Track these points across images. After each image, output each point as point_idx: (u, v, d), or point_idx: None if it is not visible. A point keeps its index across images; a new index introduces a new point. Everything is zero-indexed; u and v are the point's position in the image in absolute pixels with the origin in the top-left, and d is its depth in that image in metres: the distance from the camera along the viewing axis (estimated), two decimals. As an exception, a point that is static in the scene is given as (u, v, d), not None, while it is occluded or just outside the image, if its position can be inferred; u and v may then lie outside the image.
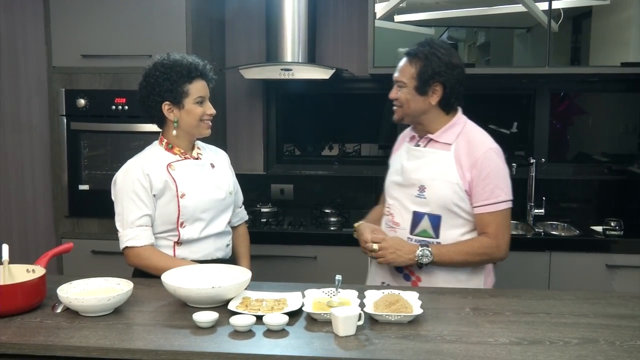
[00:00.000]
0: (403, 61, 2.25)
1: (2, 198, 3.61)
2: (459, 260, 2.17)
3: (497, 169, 2.17)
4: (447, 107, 2.23)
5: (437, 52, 2.19)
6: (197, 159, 2.30)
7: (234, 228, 2.47)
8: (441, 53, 2.19)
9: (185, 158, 2.28)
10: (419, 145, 2.28)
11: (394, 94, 2.26)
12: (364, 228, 2.29)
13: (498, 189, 2.15)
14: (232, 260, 2.38)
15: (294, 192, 3.72)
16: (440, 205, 2.17)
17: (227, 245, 2.35)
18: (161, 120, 2.27)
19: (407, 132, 2.41)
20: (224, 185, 2.32)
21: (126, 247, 2.20)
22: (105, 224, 3.24)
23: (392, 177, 2.34)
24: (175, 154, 2.27)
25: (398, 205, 2.27)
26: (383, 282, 2.29)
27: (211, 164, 2.33)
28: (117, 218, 2.23)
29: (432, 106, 2.21)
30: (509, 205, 2.18)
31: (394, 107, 2.28)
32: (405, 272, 2.25)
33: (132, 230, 2.19)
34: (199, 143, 2.37)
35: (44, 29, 3.26)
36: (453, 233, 2.19)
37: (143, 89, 2.23)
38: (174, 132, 2.24)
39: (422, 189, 2.20)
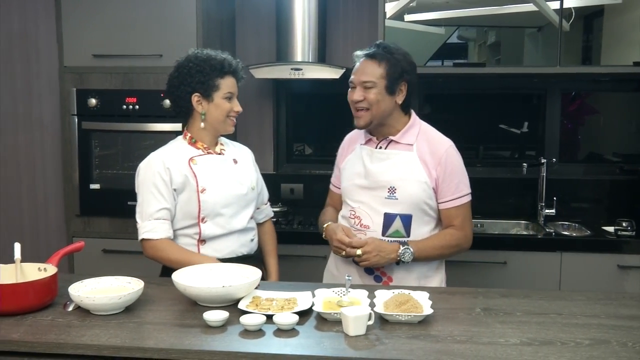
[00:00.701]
0: (365, 62, 2.22)
1: (14, 197, 3.63)
2: (435, 255, 2.26)
3: (459, 165, 2.28)
4: (407, 107, 2.28)
5: (398, 51, 2.23)
6: (219, 154, 2.32)
7: (260, 225, 2.49)
8: (402, 53, 2.24)
9: (208, 153, 2.30)
10: (380, 148, 2.28)
11: (358, 95, 2.21)
12: (334, 228, 2.28)
13: (462, 184, 2.27)
14: (259, 257, 2.38)
15: (304, 192, 3.72)
16: (411, 205, 2.22)
17: (252, 240, 2.35)
18: (188, 112, 2.29)
19: (356, 136, 2.40)
20: (246, 180, 2.33)
21: (143, 239, 2.23)
22: (116, 223, 3.26)
23: (353, 180, 2.31)
24: (198, 148, 2.29)
25: (365, 208, 2.26)
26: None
27: (234, 159, 2.34)
28: (137, 209, 2.26)
29: (397, 106, 2.24)
30: (470, 197, 2.30)
31: (359, 112, 2.22)
32: (377, 274, 2.27)
33: (150, 222, 2.21)
34: (222, 139, 2.39)
35: (55, 29, 3.28)
36: (422, 230, 2.26)
37: (174, 79, 2.27)
38: (202, 124, 2.27)
39: (392, 190, 2.22)
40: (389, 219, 2.23)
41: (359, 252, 2.17)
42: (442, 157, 2.24)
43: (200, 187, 2.22)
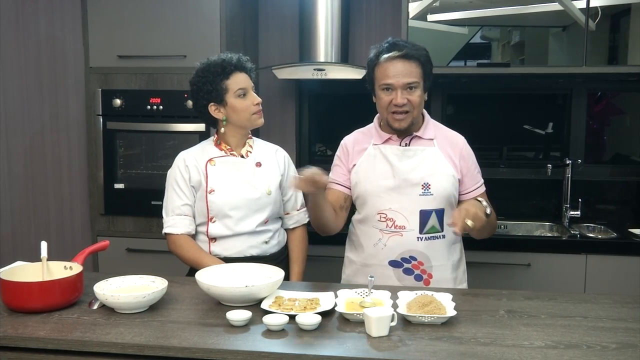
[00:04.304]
0: (402, 63, 2.16)
1: (40, 196, 3.68)
2: (492, 222, 2.22)
3: (473, 155, 2.33)
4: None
5: (420, 47, 2.22)
6: (242, 156, 2.33)
7: (290, 230, 2.49)
8: (423, 47, 2.23)
9: (231, 154, 2.32)
10: (406, 145, 2.26)
11: (402, 98, 2.15)
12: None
13: (479, 173, 2.34)
14: (278, 258, 2.38)
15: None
16: (443, 199, 2.23)
17: (266, 243, 2.35)
18: (213, 121, 2.34)
19: (361, 137, 2.34)
20: (263, 185, 2.32)
21: (165, 234, 2.31)
22: (140, 222, 3.29)
23: (377, 182, 2.24)
24: (222, 149, 2.33)
25: (398, 208, 2.22)
26: None
27: (258, 162, 2.35)
28: (163, 204, 2.35)
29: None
30: None
31: (399, 114, 2.18)
32: (417, 273, 2.24)
33: (172, 218, 2.30)
34: (255, 140, 2.42)
35: (81, 30, 3.32)
36: (449, 222, 2.25)
37: (191, 96, 2.36)
38: (222, 129, 2.32)
39: (426, 186, 2.21)
40: (425, 215, 2.21)
41: (470, 223, 2.00)
42: (462, 148, 2.29)
43: (209, 188, 2.27)
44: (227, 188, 2.28)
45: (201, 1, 3.14)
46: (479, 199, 2.20)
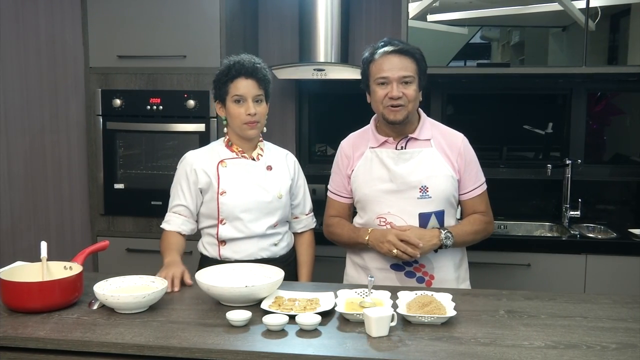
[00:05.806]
0: (398, 58, 2.17)
1: (40, 196, 3.68)
2: (469, 240, 2.28)
3: (474, 154, 2.31)
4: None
5: (415, 47, 2.23)
6: (254, 159, 2.33)
7: (298, 234, 2.48)
8: (418, 47, 2.25)
9: (243, 157, 2.32)
10: (402, 148, 2.25)
11: (398, 91, 2.15)
12: (383, 231, 2.20)
13: (480, 172, 2.31)
14: (286, 261, 2.37)
15: (326, 193, 3.71)
16: (442, 200, 2.22)
17: (275, 245, 2.34)
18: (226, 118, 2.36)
19: (358, 141, 2.34)
20: (274, 188, 2.32)
21: (162, 228, 2.35)
22: (140, 223, 3.29)
23: (375, 186, 2.23)
24: (233, 151, 2.33)
25: (397, 212, 2.21)
26: None
27: (268, 166, 2.35)
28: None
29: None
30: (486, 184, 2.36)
31: (397, 107, 2.16)
32: (419, 275, 2.23)
33: (169, 214, 2.34)
34: (266, 144, 2.41)
35: (81, 30, 3.32)
36: (450, 223, 2.27)
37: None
38: (224, 129, 2.34)
39: (424, 189, 2.20)
40: (424, 218, 2.20)
41: (394, 251, 2.12)
42: (460, 148, 2.26)
43: (220, 189, 2.26)
44: (239, 190, 2.27)
45: (201, 1, 3.14)
46: (447, 232, 2.18)
